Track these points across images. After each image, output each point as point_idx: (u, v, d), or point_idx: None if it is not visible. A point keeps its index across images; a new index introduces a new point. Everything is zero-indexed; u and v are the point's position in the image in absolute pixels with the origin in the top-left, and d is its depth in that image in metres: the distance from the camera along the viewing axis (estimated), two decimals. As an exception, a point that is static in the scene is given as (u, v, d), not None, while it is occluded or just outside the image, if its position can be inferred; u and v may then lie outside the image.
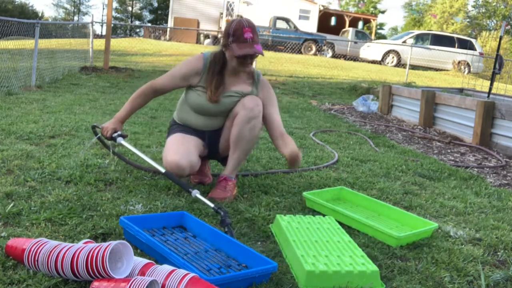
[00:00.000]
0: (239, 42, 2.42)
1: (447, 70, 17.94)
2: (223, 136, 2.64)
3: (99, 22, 22.10)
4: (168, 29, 21.91)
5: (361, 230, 2.23)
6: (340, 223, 2.27)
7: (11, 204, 2.13)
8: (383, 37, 42.61)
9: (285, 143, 2.50)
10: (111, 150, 2.97)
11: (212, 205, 2.18)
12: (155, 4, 48.42)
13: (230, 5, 22.86)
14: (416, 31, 19.95)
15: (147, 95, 2.64)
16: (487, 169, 3.92)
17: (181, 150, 2.49)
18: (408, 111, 6.63)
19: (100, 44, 12.16)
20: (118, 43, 15.69)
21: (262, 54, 2.48)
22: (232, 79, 2.61)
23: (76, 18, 48.52)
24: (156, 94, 2.66)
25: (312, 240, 1.94)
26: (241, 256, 1.80)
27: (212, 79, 2.55)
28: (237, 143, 2.52)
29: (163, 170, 2.43)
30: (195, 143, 2.59)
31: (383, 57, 18.61)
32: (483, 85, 9.68)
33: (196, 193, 2.27)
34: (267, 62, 13.86)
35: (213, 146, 2.69)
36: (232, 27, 2.44)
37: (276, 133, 2.57)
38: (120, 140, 2.59)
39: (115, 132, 2.61)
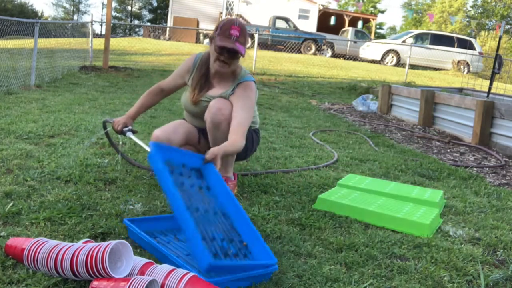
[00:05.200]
0: (223, 36, 2.41)
1: (447, 70, 17.95)
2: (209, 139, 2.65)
3: (98, 22, 22.13)
4: (168, 29, 21.90)
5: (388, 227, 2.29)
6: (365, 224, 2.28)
7: (11, 204, 2.13)
8: (382, 36, 42.62)
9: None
10: (119, 153, 2.99)
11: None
12: (155, 4, 48.41)
13: (230, 5, 22.85)
14: (416, 31, 19.94)
15: (155, 94, 2.77)
16: (487, 168, 3.92)
17: (168, 127, 2.62)
18: (407, 111, 6.63)
19: (99, 43, 12.15)
20: (117, 43, 15.67)
21: (242, 55, 2.41)
22: (215, 82, 2.59)
23: (75, 17, 48.53)
24: (163, 93, 2.78)
25: None
26: (245, 234, 1.79)
27: (198, 80, 2.59)
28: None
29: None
30: (186, 129, 2.67)
31: (382, 57, 18.60)
32: (482, 84, 9.69)
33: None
34: (266, 62, 13.86)
35: (207, 143, 2.70)
36: (222, 22, 2.46)
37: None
38: (130, 134, 2.65)
39: (126, 126, 2.69)
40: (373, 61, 18.81)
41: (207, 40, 20.06)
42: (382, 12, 51.12)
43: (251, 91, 2.51)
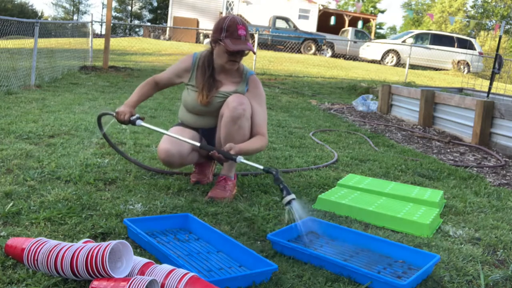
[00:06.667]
0: (233, 38, 2.41)
1: (447, 70, 17.95)
2: (217, 137, 2.64)
3: (98, 22, 22.14)
4: (168, 29, 21.90)
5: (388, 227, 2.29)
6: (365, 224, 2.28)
7: (11, 204, 2.12)
8: (382, 36, 42.62)
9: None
10: (119, 151, 2.94)
11: (261, 167, 2.20)
12: (155, 4, 48.42)
13: (230, 5, 22.86)
14: (416, 31, 19.95)
15: (151, 85, 2.71)
16: (487, 168, 3.92)
17: (173, 139, 2.52)
18: (407, 111, 6.63)
19: (99, 43, 12.15)
20: (117, 43, 15.68)
21: (254, 52, 2.49)
22: (222, 79, 2.60)
23: (75, 17, 48.54)
24: (157, 86, 2.73)
25: None
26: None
27: (204, 82, 2.56)
28: (227, 144, 2.51)
29: (198, 144, 2.41)
30: (190, 133, 2.62)
31: (382, 57, 18.61)
32: (482, 84, 9.70)
33: (240, 159, 2.26)
34: (266, 62, 13.86)
35: (210, 145, 2.70)
36: (226, 23, 2.43)
37: (252, 133, 2.52)
38: (140, 122, 2.54)
39: (132, 115, 2.56)
40: (373, 61, 18.81)
41: (207, 40, 20.06)
42: (382, 12, 51.13)
43: (261, 86, 2.64)
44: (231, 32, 2.41)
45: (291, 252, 1.87)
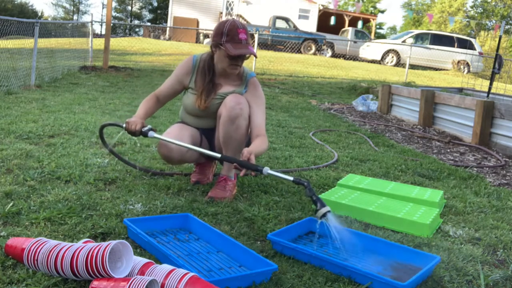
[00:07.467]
0: (234, 42, 2.40)
1: (447, 70, 17.95)
2: (216, 137, 2.64)
3: (98, 22, 22.13)
4: (168, 29, 21.90)
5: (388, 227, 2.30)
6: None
7: (11, 204, 2.12)
8: (382, 36, 42.63)
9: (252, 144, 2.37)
10: (138, 167, 2.86)
11: (291, 178, 2.12)
12: (155, 4, 48.42)
13: (230, 5, 22.86)
14: (416, 31, 19.95)
15: (153, 101, 2.66)
16: (487, 168, 3.91)
17: (172, 135, 2.53)
18: (407, 111, 6.63)
19: (99, 43, 12.15)
20: (117, 43, 15.68)
21: (255, 56, 2.48)
22: (222, 82, 2.60)
23: (75, 17, 48.55)
24: (158, 100, 2.68)
25: None
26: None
27: (204, 86, 2.55)
28: (226, 144, 2.51)
29: (218, 156, 2.36)
30: (190, 132, 2.62)
31: (382, 57, 18.61)
32: (482, 84, 9.70)
33: (267, 170, 2.18)
34: (266, 62, 13.86)
35: (210, 144, 2.70)
36: (226, 27, 2.42)
37: (252, 135, 2.49)
38: (153, 133, 2.47)
39: (144, 126, 2.49)
40: (373, 61, 18.81)
41: (207, 40, 20.07)
42: (382, 12, 51.14)
43: (260, 88, 2.63)
44: (231, 36, 2.40)
45: (291, 252, 1.87)
